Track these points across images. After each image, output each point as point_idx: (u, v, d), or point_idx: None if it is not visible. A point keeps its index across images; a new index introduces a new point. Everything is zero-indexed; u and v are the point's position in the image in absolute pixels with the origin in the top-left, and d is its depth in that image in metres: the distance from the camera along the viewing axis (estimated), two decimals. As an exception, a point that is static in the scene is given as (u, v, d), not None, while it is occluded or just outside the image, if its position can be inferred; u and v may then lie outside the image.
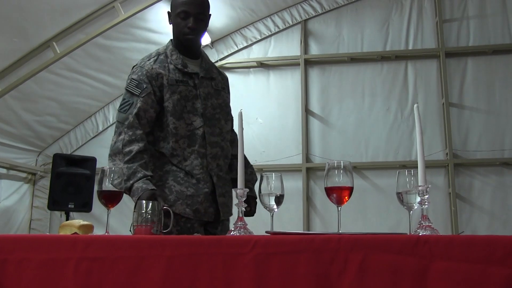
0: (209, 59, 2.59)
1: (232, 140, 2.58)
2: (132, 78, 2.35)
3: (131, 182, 2.14)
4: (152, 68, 2.34)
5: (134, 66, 2.42)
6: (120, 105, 2.35)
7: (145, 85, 2.31)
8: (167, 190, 2.29)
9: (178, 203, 2.27)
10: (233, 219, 2.30)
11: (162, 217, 1.81)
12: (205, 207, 2.32)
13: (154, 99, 2.31)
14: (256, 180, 2.49)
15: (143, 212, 1.77)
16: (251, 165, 2.59)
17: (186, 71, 2.38)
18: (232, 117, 2.60)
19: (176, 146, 2.32)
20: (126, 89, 2.36)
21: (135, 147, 2.22)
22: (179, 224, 2.25)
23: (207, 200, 2.32)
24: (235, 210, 1.76)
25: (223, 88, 2.55)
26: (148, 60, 2.39)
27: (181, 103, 2.32)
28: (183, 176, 2.31)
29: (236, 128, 2.52)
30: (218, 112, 2.44)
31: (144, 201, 1.79)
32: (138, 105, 2.28)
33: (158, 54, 2.43)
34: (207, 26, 2.48)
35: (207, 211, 2.32)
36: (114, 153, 2.25)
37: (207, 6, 2.43)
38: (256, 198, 2.33)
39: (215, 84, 2.49)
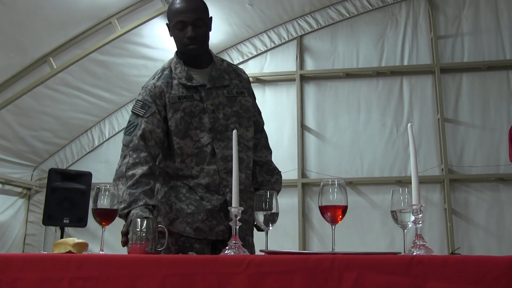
0: (222, 63, 2.41)
1: (255, 145, 2.43)
2: (137, 100, 2.28)
3: (129, 209, 2.02)
4: (155, 87, 2.25)
5: (142, 87, 2.35)
6: (126, 128, 2.26)
7: (149, 105, 2.22)
8: (168, 208, 2.22)
9: (177, 222, 2.18)
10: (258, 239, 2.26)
11: (157, 235, 1.80)
12: (211, 225, 2.19)
13: (160, 118, 2.22)
14: (278, 190, 2.36)
15: (138, 231, 1.77)
16: (279, 172, 2.47)
17: (190, 85, 2.25)
18: (258, 120, 2.47)
19: (183, 165, 2.23)
20: (131, 111, 2.28)
21: (138, 171, 2.11)
22: (177, 243, 2.18)
23: (213, 217, 2.19)
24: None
25: (241, 92, 2.37)
26: (152, 78, 2.31)
27: (186, 120, 2.22)
28: (185, 192, 2.22)
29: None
30: (233, 121, 2.29)
31: (138, 220, 1.78)
32: (143, 126, 2.18)
33: (162, 70, 2.33)
34: (210, 29, 2.33)
35: (214, 229, 2.19)
36: (118, 177, 2.13)
37: (203, 10, 2.28)
38: None
39: (228, 91, 2.32)
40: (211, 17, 2.34)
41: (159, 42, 5.05)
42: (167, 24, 2.31)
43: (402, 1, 5.54)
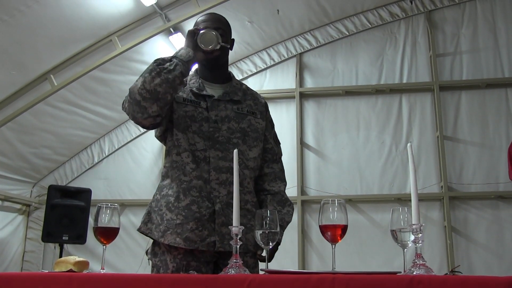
0: (241, 86, 2.41)
1: (269, 174, 2.40)
2: None
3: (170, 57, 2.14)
4: None
5: None
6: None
7: None
8: (159, 218, 2.19)
9: (167, 233, 2.14)
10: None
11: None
12: (201, 235, 2.13)
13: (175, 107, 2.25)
14: (288, 221, 2.35)
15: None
16: (291, 204, 2.40)
17: (198, 93, 2.26)
18: (273, 148, 2.43)
19: (178, 158, 2.21)
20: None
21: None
22: (175, 261, 2.18)
23: (204, 227, 2.14)
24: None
25: (254, 113, 2.34)
26: None
27: (186, 121, 2.21)
28: (173, 201, 2.18)
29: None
30: (237, 136, 2.25)
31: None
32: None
33: None
34: (231, 49, 2.36)
35: (205, 240, 2.14)
36: (134, 87, 2.16)
37: (226, 25, 2.33)
38: (278, 244, 2.28)
39: (239, 108, 2.30)
40: (233, 39, 2.38)
41: (159, 60, 5.08)
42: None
43: (401, 19, 5.59)
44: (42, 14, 4.06)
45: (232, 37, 2.37)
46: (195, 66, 2.36)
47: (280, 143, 2.52)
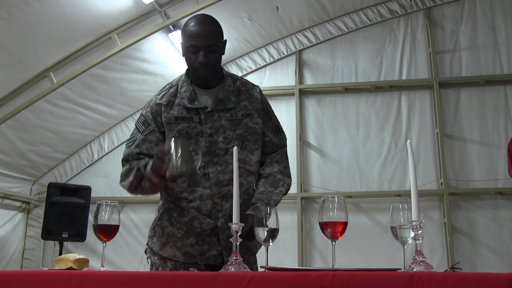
0: (234, 84, 2.31)
1: (262, 162, 2.30)
2: (141, 114, 2.28)
3: (146, 162, 2.11)
4: (156, 104, 2.23)
5: (148, 101, 2.34)
6: (128, 140, 2.28)
7: (149, 122, 2.22)
8: (161, 231, 2.20)
9: (167, 246, 2.17)
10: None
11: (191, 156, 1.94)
12: (201, 250, 2.15)
13: (159, 136, 2.21)
14: (276, 200, 2.18)
15: (172, 153, 1.87)
16: (284, 184, 2.26)
17: (190, 107, 2.20)
18: (271, 140, 2.32)
19: (174, 185, 2.18)
20: (135, 124, 2.28)
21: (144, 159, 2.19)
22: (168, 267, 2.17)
23: (204, 242, 2.15)
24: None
25: (248, 114, 2.26)
26: (158, 94, 2.29)
27: None
28: (176, 215, 2.19)
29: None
30: (236, 145, 2.15)
31: (172, 140, 1.89)
32: (140, 143, 2.21)
33: (170, 86, 2.29)
34: (223, 53, 2.27)
35: (206, 254, 2.15)
36: (124, 175, 2.19)
37: (217, 36, 2.21)
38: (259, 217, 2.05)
39: (232, 114, 2.23)
40: (225, 40, 2.29)
41: (158, 57, 5.09)
42: (181, 43, 2.26)
43: (400, 16, 5.59)
44: (42, 12, 4.05)
45: (224, 39, 2.28)
46: (175, 64, 2.32)
47: (282, 132, 2.41)
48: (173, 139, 1.91)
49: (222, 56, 2.26)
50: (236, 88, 2.30)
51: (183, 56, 2.25)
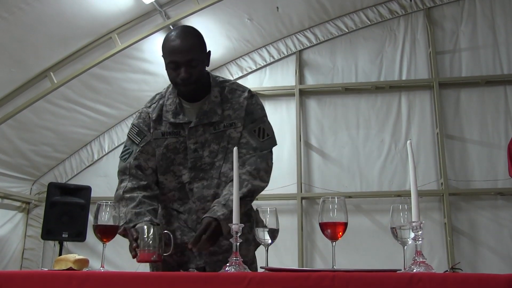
0: (221, 93, 2.21)
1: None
2: (133, 124, 2.25)
3: (135, 223, 1.98)
4: (149, 117, 2.21)
5: (138, 111, 2.30)
6: (122, 152, 2.22)
7: (144, 133, 2.20)
8: None
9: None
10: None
11: (163, 241, 1.82)
12: (180, 261, 2.16)
13: (155, 146, 2.20)
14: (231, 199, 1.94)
15: (145, 237, 1.79)
16: (248, 185, 2.06)
17: (173, 122, 2.17)
18: (248, 142, 2.16)
19: (165, 198, 2.21)
20: (127, 136, 2.26)
21: (139, 194, 2.10)
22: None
23: (183, 254, 2.15)
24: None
25: (231, 124, 2.16)
26: (149, 105, 2.26)
27: (168, 157, 2.17)
28: (164, 222, 2.21)
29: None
30: (220, 158, 2.14)
31: (145, 226, 1.80)
32: (138, 155, 2.18)
33: (160, 97, 2.26)
34: (207, 64, 2.19)
35: (183, 266, 2.16)
36: (117, 201, 2.12)
37: (198, 49, 2.11)
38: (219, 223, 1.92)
39: (215, 127, 2.16)
40: (209, 51, 2.20)
41: (159, 57, 5.00)
42: (162, 56, 2.16)
43: (400, 17, 5.59)
44: (42, 11, 4.06)
45: (208, 50, 2.19)
46: None
47: (268, 136, 2.22)
48: (145, 226, 1.85)
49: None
50: (223, 97, 2.21)
51: (166, 69, 2.15)
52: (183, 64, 2.06)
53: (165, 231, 1.89)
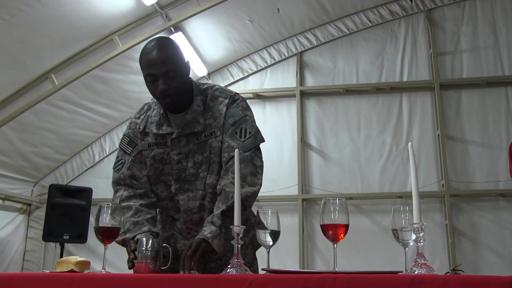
0: (204, 103, 2.17)
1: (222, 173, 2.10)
2: (124, 135, 2.26)
3: (134, 235, 1.97)
4: (139, 128, 2.21)
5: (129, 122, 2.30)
6: (115, 163, 2.26)
7: (135, 142, 2.20)
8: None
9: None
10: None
11: (161, 254, 1.81)
12: (174, 268, 2.06)
13: (145, 156, 2.20)
14: (218, 216, 1.94)
15: (143, 249, 1.78)
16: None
17: (156, 133, 2.16)
18: (230, 145, 2.09)
19: (163, 204, 2.22)
20: (119, 146, 2.26)
21: (135, 204, 2.11)
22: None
23: (176, 261, 2.03)
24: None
25: (211, 133, 2.12)
26: (138, 116, 2.26)
27: (156, 167, 2.17)
28: (160, 228, 2.22)
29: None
30: (204, 168, 2.12)
31: (144, 239, 1.80)
32: (130, 165, 2.19)
33: (147, 109, 2.25)
34: (188, 74, 2.14)
35: (177, 272, 2.07)
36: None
37: (174, 59, 2.05)
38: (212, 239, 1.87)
39: (198, 137, 2.12)
40: (188, 61, 2.14)
41: (160, 59, 5.08)
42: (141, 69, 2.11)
43: (401, 18, 5.59)
44: (43, 13, 4.06)
45: (186, 60, 2.13)
46: None
47: (250, 134, 2.13)
48: (144, 238, 1.84)
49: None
50: (205, 106, 2.17)
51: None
52: (160, 76, 2.02)
53: (164, 244, 1.88)
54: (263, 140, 2.20)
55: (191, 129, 2.11)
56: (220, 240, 1.87)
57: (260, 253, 2.22)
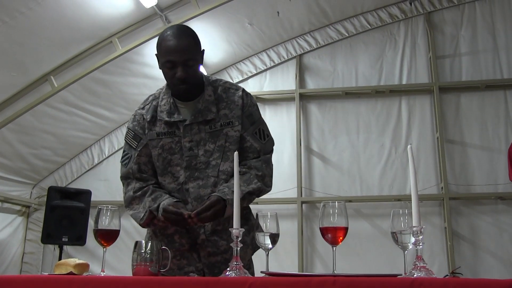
0: (214, 92, 2.21)
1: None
2: (128, 128, 2.25)
3: (157, 204, 2.04)
4: (143, 119, 2.21)
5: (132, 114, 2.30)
6: (122, 157, 2.25)
7: (140, 136, 2.20)
8: (147, 239, 2.23)
9: None
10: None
11: (161, 256, 1.81)
12: (180, 264, 2.15)
13: (151, 148, 2.20)
14: (243, 191, 2.05)
15: (142, 252, 1.78)
16: (257, 182, 2.12)
17: (168, 121, 2.16)
18: (252, 145, 2.18)
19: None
20: (125, 140, 2.26)
21: (149, 186, 2.15)
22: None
23: (183, 257, 2.16)
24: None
25: (229, 123, 2.16)
26: (143, 107, 2.26)
27: (164, 157, 2.16)
28: (160, 228, 2.21)
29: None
30: (216, 157, 2.13)
31: (143, 241, 1.80)
32: (137, 159, 2.19)
33: (153, 98, 2.26)
34: (201, 63, 2.20)
35: (183, 269, 2.15)
36: (129, 203, 2.16)
37: (194, 48, 2.11)
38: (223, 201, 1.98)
39: (212, 125, 2.15)
40: (203, 50, 2.20)
41: (159, 61, 5.08)
42: (156, 55, 2.16)
43: (401, 21, 5.59)
44: (43, 15, 4.06)
45: (202, 49, 2.19)
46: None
47: (268, 137, 2.25)
48: (143, 241, 1.84)
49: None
50: (217, 96, 2.21)
51: (160, 68, 2.16)
52: (179, 63, 2.07)
53: (163, 247, 1.89)
54: (274, 143, 2.31)
55: (203, 117, 2.15)
56: (232, 208, 1.85)
57: (259, 256, 2.22)
